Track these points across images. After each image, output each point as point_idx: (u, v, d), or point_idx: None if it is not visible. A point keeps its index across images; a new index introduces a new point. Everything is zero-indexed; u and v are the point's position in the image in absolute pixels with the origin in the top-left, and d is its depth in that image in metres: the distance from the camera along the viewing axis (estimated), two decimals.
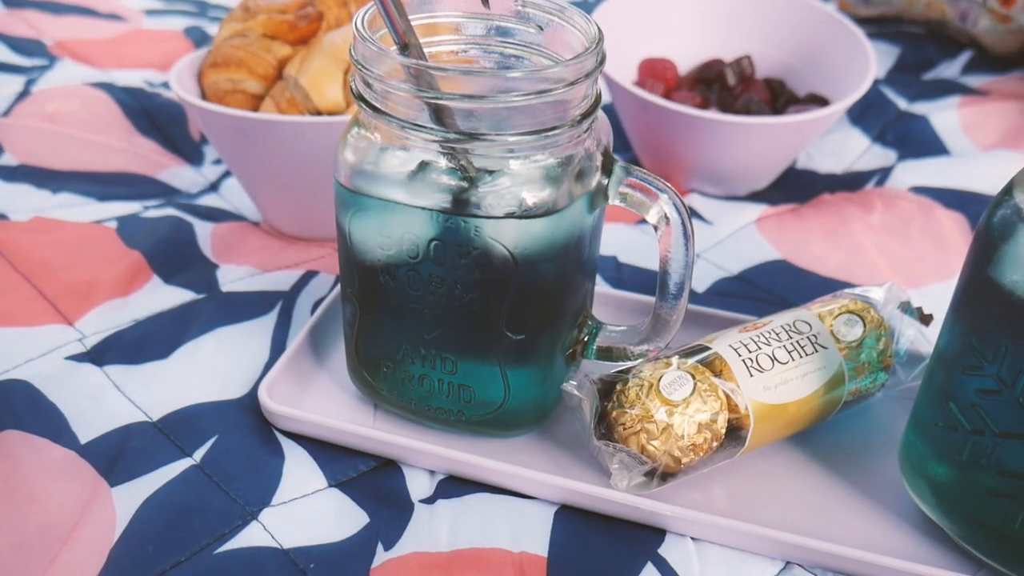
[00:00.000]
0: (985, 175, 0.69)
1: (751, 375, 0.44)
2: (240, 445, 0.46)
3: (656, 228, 0.42)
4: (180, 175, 0.72)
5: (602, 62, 0.40)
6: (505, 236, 0.39)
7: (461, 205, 0.39)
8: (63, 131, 0.74)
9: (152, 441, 0.46)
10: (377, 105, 0.39)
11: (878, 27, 0.94)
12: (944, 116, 0.77)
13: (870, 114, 0.80)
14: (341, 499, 0.44)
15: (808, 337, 0.45)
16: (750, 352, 0.44)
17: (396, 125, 0.39)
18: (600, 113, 0.43)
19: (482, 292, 0.41)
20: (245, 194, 0.69)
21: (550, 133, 0.39)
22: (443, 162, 0.39)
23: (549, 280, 0.42)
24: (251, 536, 0.41)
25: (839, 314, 0.47)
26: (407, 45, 0.39)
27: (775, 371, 0.44)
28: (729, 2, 0.80)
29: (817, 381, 0.45)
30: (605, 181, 0.42)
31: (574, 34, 0.42)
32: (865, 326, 0.46)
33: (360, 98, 0.40)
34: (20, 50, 0.87)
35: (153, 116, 0.79)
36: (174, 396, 0.49)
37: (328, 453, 0.46)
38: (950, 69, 0.86)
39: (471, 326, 0.42)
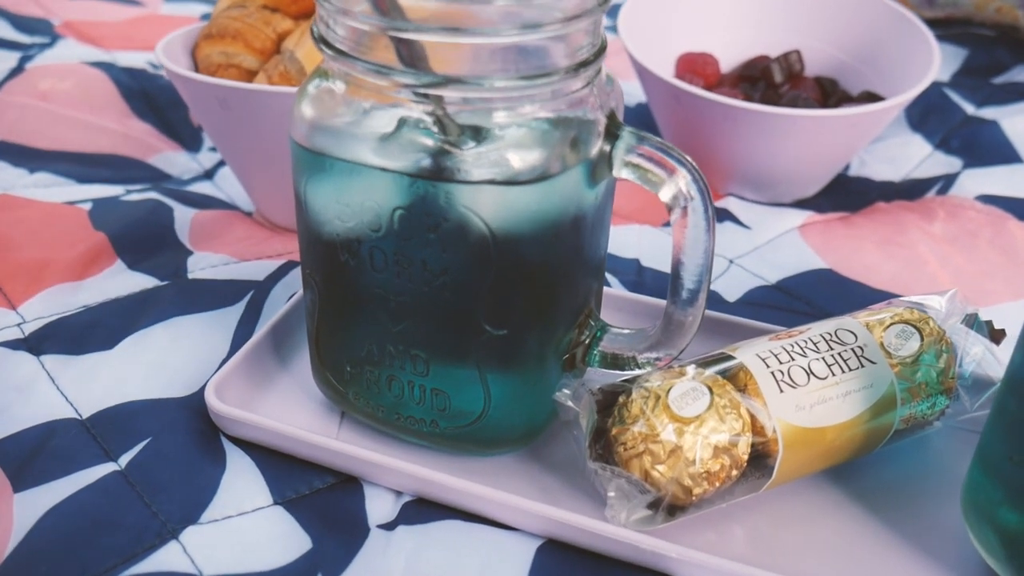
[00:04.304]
0: None
1: (781, 391, 0.36)
2: (175, 451, 0.39)
3: (670, 209, 0.35)
4: (173, 161, 0.67)
5: (606, 1, 0.33)
6: (482, 206, 0.33)
7: (433, 168, 0.33)
8: (53, 109, 0.69)
9: (75, 441, 0.39)
10: (341, 47, 0.33)
11: (944, 29, 0.86)
12: (1018, 121, 0.69)
13: (932, 119, 0.72)
14: (285, 519, 0.37)
15: (852, 349, 0.38)
16: (781, 364, 0.37)
17: (362, 68, 0.32)
18: (610, 75, 0.36)
19: (455, 275, 0.34)
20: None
21: (542, 80, 0.32)
22: (416, 116, 0.33)
23: (538, 265, 0.35)
24: (165, 559, 0.34)
25: (891, 324, 0.39)
26: None
27: (811, 387, 0.36)
28: None
29: (863, 402, 0.37)
30: (608, 148, 0.34)
31: None
32: (923, 339, 0.39)
33: (321, 40, 0.34)
34: (22, 28, 0.82)
35: (152, 98, 0.73)
36: (111, 391, 0.42)
37: (281, 466, 0.39)
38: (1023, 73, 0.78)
39: (443, 317, 0.35)
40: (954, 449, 0.41)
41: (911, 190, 0.65)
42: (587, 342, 0.40)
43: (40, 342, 0.45)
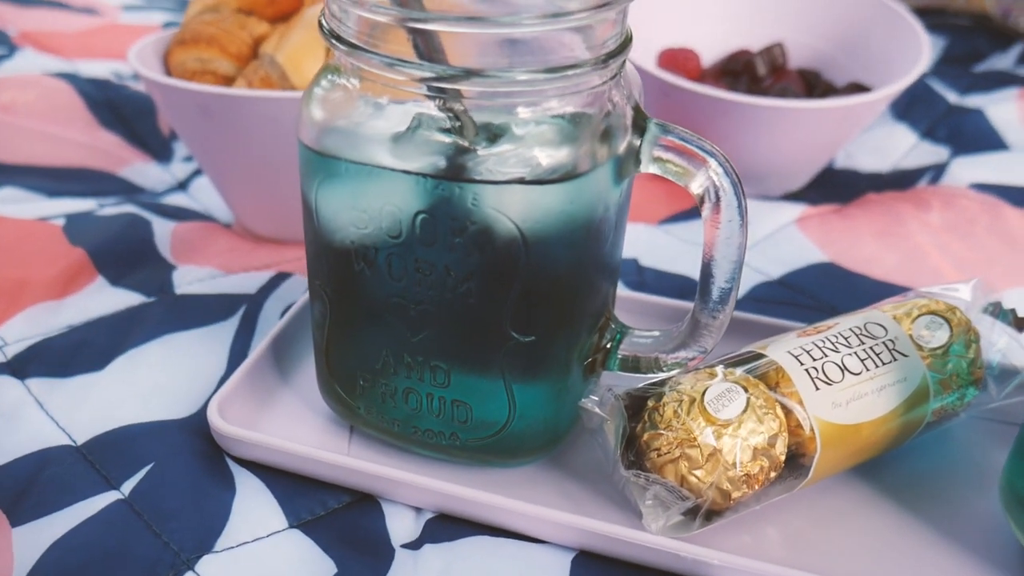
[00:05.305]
0: None
1: (817, 388, 0.35)
2: (181, 475, 0.37)
3: (702, 201, 0.33)
4: (145, 172, 0.64)
5: None
6: (511, 207, 0.31)
7: (457, 169, 0.31)
8: (16, 122, 0.67)
9: (72, 469, 0.37)
10: (354, 41, 0.31)
11: (920, 19, 0.86)
12: (1002, 109, 0.69)
13: (917, 108, 0.71)
14: (304, 543, 0.35)
15: (884, 342, 0.37)
16: (815, 360, 0.36)
17: (378, 62, 0.31)
18: (631, 67, 0.35)
19: (482, 281, 0.32)
20: (217, 194, 0.61)
21: (569, 72, 0.30)
22: (434, 114, 0.31)
23: (567, 267, 0.33)
24: None
25: (918, 315, 0.38)
26: None
27: (846, 383, 0.35)
28: None
29: (897, 397, 0.36)
30: (637, 142, 0.33)
31: None
32: (951, 330, 0.38)
33: (332, 35, 0.32)
34: None
35: (119, 109, 0.71)
36: (106, 415, 0.40)
37: (291, 486, 0.37)
38: (1003, 60, 0.78)
39: (468, 325, 0.34)
40: (980, 438, 0.41)
41: (900, 180, 0.64)
42: (607, 346, 0.38)
43: (24, 365, 0.43)
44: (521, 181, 0.31)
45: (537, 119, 0.31)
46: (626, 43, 0.32)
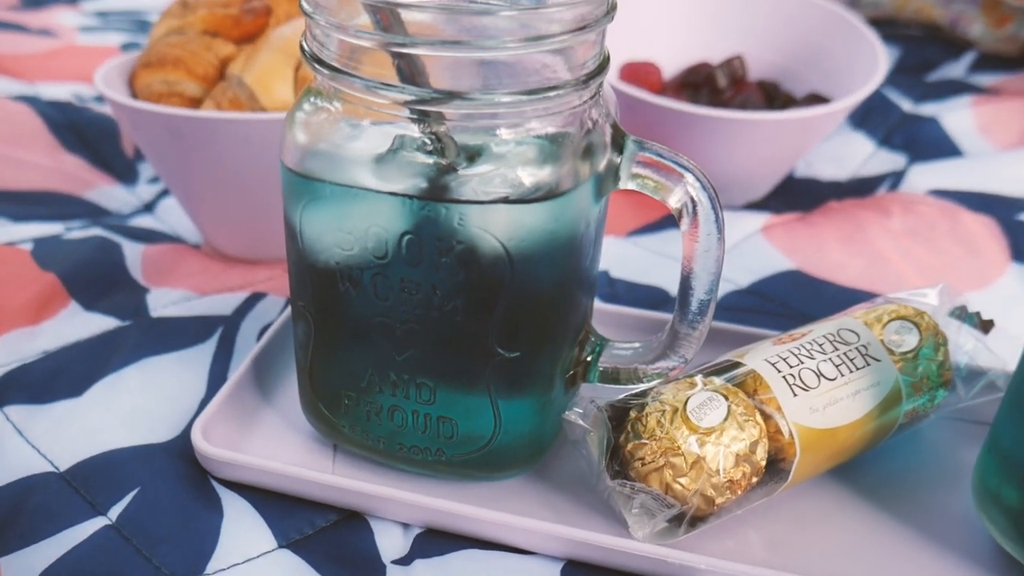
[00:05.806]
0: (1011, 176, 0.63)
1: (795, 394, 0.36)
2: (167, 499, 0.37)
3: (680, 216, 0.34)
4: (110, 195, 0.64)
5: (613, 8, 0.32)
6: (496, 226, 0.32)
7: (440, 190, 0.31)
8: None
9: (57, 496, 0.37)
10: (336, 64, 0.32)
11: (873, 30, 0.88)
12: (957, 116, 0.71)
13: (873, 117, 0.73)
14: (295, 563, 0.35)
15: (857, 348, 0.38)
16: (791, 367, 0.37)
17: (361, 85, 0.31)
18: (607, 85, 0.36)
19: (468, 299, 0.33)
20: (184, 215, 0.61)
21: (551, 93, 0.31)
22: (416, 135, 0.31)
23: (551, 283, 0.34)
24: None
25: (889, 321, 0.39)
26: None
27: (822, 389, 0.36)
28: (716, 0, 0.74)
29: (871, 400, 0.37)
30: (617, 159, 0.34)
31: None
32: (921, 334, 0.39)
33: (314, 58, 0.32)
34: None
35: (81, 131, 0.70)
36: (88, 441, 0.40)
37: (278, 506, 0.38)
38: (956, 69, 0.80)
39: (453, 343, 0.34)
40: (950, 438, 0.42)
41: (860, 188, 0.66)
42: (588, 359, 0.39)
43: (2, 392, 0.43)
44: (506, 200, 0.31)
45: (518, 139, 0.32)
46: (605, 63, 0.33)
